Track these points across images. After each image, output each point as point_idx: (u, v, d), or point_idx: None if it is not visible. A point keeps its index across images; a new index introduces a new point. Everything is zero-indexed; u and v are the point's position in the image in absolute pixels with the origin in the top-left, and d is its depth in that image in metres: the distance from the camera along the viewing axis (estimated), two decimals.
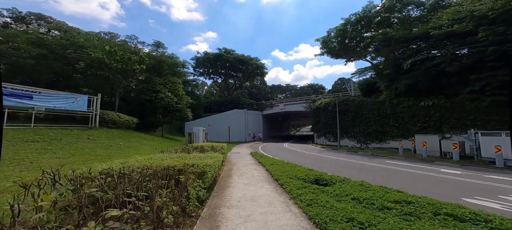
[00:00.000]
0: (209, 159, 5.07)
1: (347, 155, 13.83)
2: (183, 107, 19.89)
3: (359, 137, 20.22)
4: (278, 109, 34.49)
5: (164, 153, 6.32)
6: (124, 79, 15.31)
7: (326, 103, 25.88)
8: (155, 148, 11.03)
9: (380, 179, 7.02)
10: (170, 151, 6.84)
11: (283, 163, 9.43)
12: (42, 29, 21.69)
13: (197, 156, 5.59)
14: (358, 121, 20.17)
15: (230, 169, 8.74)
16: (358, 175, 7.64)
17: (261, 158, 11.50)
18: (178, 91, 19.77)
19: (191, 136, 14.80)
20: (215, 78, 48.55)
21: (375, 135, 18.24)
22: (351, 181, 5.59)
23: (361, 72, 57.42)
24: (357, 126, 20.41)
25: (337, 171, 8.61)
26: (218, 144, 12.52)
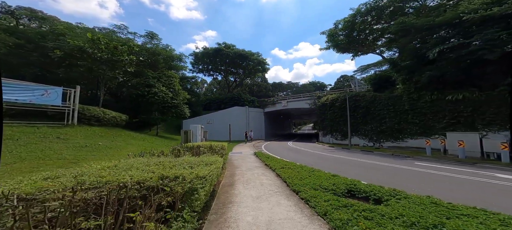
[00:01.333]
0: (203, 166, 3.47)
1: (363, 155, 12.25)
2: (180, 104, 18.19)
3: (371, 135, 18.62)
4: (281, 106, 32.86)
5: (144, 156, 4.70)
6: (110, 70, 13.54)
7: (332, 99, 24.24)
8: (144, 149, 9.46)
9: (429, 188, 5.43)
10: (154, 154, 5.24)
11: (295, 166, 7.84)
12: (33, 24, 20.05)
13: (188, 161, 3.98)
14: (370, 117, 18.56)
15: (232, 174, 7.14)
16: (394, 182, 6.05)
17: (268, 159, 9.92)
18: (174, 86, 18.08)
19: (187, 135, 13.18)
20: (215, 75, 46.87)
21: (389, 133, 16.64)
22: (412, 196, 3.94)
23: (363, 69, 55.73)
24: (368, 123, 18.81)
25: (365, 176, 7.02)
26: (217, 143, 10.93)
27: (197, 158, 4.54)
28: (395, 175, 7.11)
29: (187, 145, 9.02)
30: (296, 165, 8.13)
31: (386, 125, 16.83)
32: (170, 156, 5.08)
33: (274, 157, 10.91)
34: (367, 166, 8.90)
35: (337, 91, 30.24)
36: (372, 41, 24.86)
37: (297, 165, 8.14)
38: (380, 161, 10.20)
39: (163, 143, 12.62)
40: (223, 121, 29.56)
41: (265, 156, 11.36)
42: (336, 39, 26.39)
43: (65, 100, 11.33)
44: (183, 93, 19.55)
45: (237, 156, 12.39)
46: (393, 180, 6.41)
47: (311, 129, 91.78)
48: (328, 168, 8.30)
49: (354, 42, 25.57)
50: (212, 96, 42.71)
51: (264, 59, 39.62)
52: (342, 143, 21.91)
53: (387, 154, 12.54)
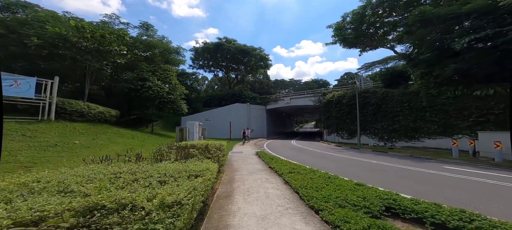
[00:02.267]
0: (184, 181, 2.28)
1: (378, 156, 10.99)
2: (177, 99, 16.97)
3: (382, 134, 17.31)
4: (284, 103, 31.58)
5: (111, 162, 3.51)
6: (97, 61, 12.27)
7: (339, 96, 22.90)
8: (131, 148, 8.35)
9: (496, 204, 4.19)
10: (129, 157, 4.04)
11: (305, 170, 6.64)
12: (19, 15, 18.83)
13: (165, 170, 2.79)
14: (381, 115, 17.23)
15: (231, 180, 5.97)
16: (437, 193, 4.83)
17: (272, 161, 8.74)
18: (171, 81, 16.88)
19: (183, 132, 12.05)
20: (216, 72, 45.60)
21: (403, 132, 15.32)
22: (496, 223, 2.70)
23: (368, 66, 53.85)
24: (379, 121, 17.49)
25: (394, 183, 5.80)
26: (216, 141, 9.77)
27: (181, 165, 3.35)
28: (431, 183, 5.87)
29: (180, 144, 7.87)
30: (305, 168, 6.93)
31: (399, 123, 15.50)
32: (148, 161, 3.89)
33: (278, 158, 9.73)
34: (388, 170, 7.67)
35: (344, 88, 28.84)
36: (382, 35, 23.30)
37: (307, 168, 6.94)
38: (400, 163, 8.95)
39: (157, 141, 11.52)
40: (223, 118, 28.44)
41: (268, 156, 10.18)
42: (343, 33, 24.86)
43: (41, 92, 10.13)
44: (180, 88, 18.32)
45: (238, 156, 11.23)
46: (435, 191, 5.17)
47: (313, 127, 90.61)
48: (343, 172, 7.09)
49: (362, 36, 24.03)
50: (213, 93, 41.56)
51: (266, 55, 38.17)
52: (349, 142, 20.64)
53: (404, 155, 11.26)
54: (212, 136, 26.70)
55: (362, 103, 19.16)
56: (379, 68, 48.99)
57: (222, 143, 9.33)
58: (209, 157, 4.78)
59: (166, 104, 15.98)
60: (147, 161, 3.93)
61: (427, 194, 4.76)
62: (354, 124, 20.67)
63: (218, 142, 9.23)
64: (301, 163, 9.00)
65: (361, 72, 49.79)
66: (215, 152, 5.73)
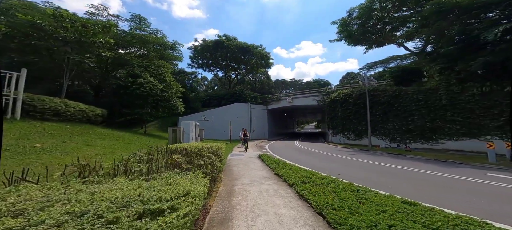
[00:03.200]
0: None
1: (397, 160, 9.70)
2: (172, 97, 15.64)
3: (394, 135, 16.02)
4: (286, 103, 30.36)
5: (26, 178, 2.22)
6: (77, 53, 10.88)
7: (345, 95, 21.66)
8: (111, 152, 7.08)
9: None
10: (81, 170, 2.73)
11: (322, 179, 5.37)
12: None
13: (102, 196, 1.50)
14: (393, 115, 15.95)
15: (229, 193, 4.67)
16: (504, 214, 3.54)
17: (278, 166, 7.46)
18: (165, 77, 15.59)
19: (176, 133, 10.78)
20: (216, 71, 44.37)
21: (419, 133, 14.03)
22: None
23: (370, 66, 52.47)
24: (390, 121, 16.21)
25: (446, 200, 4.50)
26: (213, 143, 8.49)
27: (146, 183, 2.05)
28: (490, 197, 4.57)
29: (169, 147, 6.59)
30: (322, 177, 5.64)
31: (414, 123, 14.22)
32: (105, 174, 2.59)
33: (284, 162, 8.44)
34: (421, 178, 6.38)
35: (350, 86, 27.55)
36: (390, 31, 22.10)
37: (324, 177, 5.65)
38: (428, 169, 7.66)
39: (146, 143, 10.18)
40: (223, 118, 27.19)
41: (273, 160, 8.89)
42: (349, 29, 23.68)
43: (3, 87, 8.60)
44: (175, 86, 16.99)
45: (238, 159, 9.94)
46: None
47: (314, 128, 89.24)
48: (365, 180, 5.80)
49: (369, 32, 22.84)
50: (212, 92, 40.33)
51: (268, 53, 36.98)
52: (356, 143, 19.35)
53: (426, 158, 9.97)
54: (211, 137, 25.41)
55: (371, 103, 17.86)
56: (381, 68, 47.81)
57: (220, 145, 8.06)
58: (199, 166, 3.49)
59: (159, 103, 14.62)
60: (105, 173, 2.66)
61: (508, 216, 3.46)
62: (361, 124, 19.42)
63: (215, 144, 7.95)
64: (311, 167, 7.71)
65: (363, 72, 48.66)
66: (209, 159, 4.44)
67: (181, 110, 17.07)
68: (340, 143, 21.21)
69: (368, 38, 23.58)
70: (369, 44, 24.83)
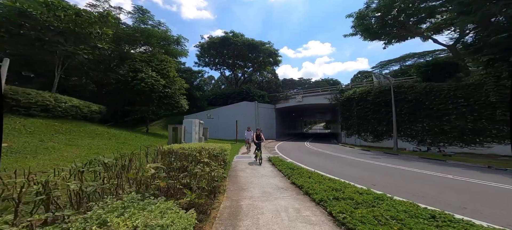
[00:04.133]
0: None
1: (438, 167, 7.98)
2: (175, 94, 14.62)
3: (423, 137, 14.02)
4: (295, 102, 28.76)
5: None
6: (70, 45, 10.01)
7: (362, 93, 19.75)
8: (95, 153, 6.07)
9: None
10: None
11: (360, 193, 3.99)
12: None
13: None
14: (422, 114, 13.96)
15: (234, 212, 3.38)
16: None
17: (293, 172, 6.13)
18: (168, 73, 14.62)
19: (177, 132, 9.67)
20: (222, 69, 43.52)
21: (457, 135, 12.01)
22: None
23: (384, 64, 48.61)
24: (418, 122, 14.24)
25: None
26: (217, 144, 7.29)
27: None
28: None
29: (165, 148, 5.43)
30: (358, 190, 4.22)
31: (450, 123, 12.21)
32: None
33: (300, 167, 7.07)
34: (503, 195, 4.74)
35: (364, 84, 25.45)
36: (415, 24, 19.81)
37: (362, 190, 4.22)
38: (498, 181, 5.94)
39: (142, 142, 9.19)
40: (229, 117, 26.13)
41: (285, 164, 7.54)
42: (366, 22, 21.62)
43: None
44: (179, 82, 15.97)
45: (245, 162, 8.67)
46: None
47: (323, 128, 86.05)
48: (421, 197, 4.27)
49: (389, 26, 20.67)
50: (219, 91, 39.47)
51: (276, 50, 35.44)
52: (375, 145, 17.44)
53: (475, 165, 8.13)
54: (217, 137, 24.41)
55: (394, 101, 15.92)
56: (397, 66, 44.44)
57: (224, 146, 6.83)
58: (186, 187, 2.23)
59: (161, 100, 13.65)
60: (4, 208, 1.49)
61: None
62: (381, 124, 17.49)
63: (219, 146, 6.73)
64: (332, 174, 6.28)
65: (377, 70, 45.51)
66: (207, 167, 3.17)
67: (185, 107, 16.04)
68: (355, 145, 19.37)
69: (388, 32, 21.40)
70: (388, 39, 22.58)
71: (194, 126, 11.27)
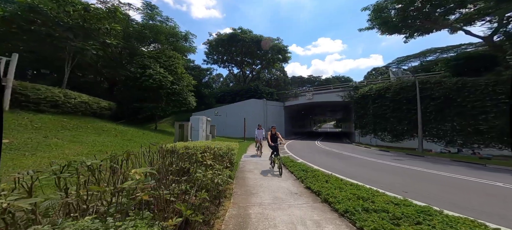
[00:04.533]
0: None
1: (479, 173, 6.89)
2: (183, 90, 14.40)
3: (452, 137, 12.57)
4: (305, 99, 27.68)
5: None
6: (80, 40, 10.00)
7: (379, 89, 18.33)
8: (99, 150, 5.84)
9: None
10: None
11: (395, 204, 3.23)
12: None
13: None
14: (453, 112, 12.52)
15: (242, 224, 2.80)
16: None
17: (307, 175, 5.50)
18: (176, 69, 14.40)
19: (183, 129, 9.36)
20: (230, 67, 43.23)
21: (496, 136, 10.56)
22: None
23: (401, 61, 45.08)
24: (447, 121, 12.79)
25: None
26: (224, 143, 6.81)
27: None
28: None
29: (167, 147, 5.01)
30: (392, 200, 3.46)
31: (488, 123, 10.72)
32: None
33: (315, 169, 6.39)
34: None
35: (378, 81, 23.75)
36: (442, 15, 17.83)
37: (397, 200, 3.47)
38: None
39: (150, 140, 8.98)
40: (237, 114, 25.77)
41: (298, 165, 6.88)
42: (384, 15, 19.91)
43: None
44: (187, 78, 15.72)
45: (253, 163, 8.13)
46: None
47: (333, 127, 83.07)
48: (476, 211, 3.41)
49: (411, 18, 18.83)
50: (227, 88, 39.28)
51: (285, 46, 34.37)
52: (393, 145, 16.11)
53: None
54: (224, 134, 24.14)
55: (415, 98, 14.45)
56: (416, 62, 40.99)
57: (232, 145, 6.31)
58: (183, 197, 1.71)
59: (169, 97, 13.48)
60: None
61: None
62: (402, 123, 16.07)
63: (226, 144, 6.22)
64: (351, 177, 5.53)
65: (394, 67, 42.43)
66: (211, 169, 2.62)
67: (192, 104, 15.78)
68: (371, 145, 18.08)
69: (410, 24, 19.53)
70: (410, 32, 20.66)
71: (201, 123, 10.90)
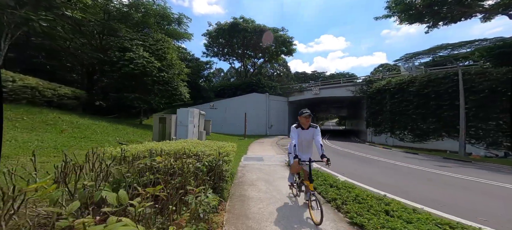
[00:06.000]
0: None
1: None
2: (172, 79, 12.02)
3: (496, 137, 10.35)
4: (311, 94, 25.44)
5: None
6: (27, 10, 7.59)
7: (399, 83, 16.08)
8: (16, 152, 3.79)
9: None
10: None
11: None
12: None
13: None
14: (498, 108, 10.27)
15: None
16: None
17: (338, 194, 3.29)
18: (165, 55, 12.00)
19: (165, 124, 7.16)
20: (231, 60, 40.69)
21: None
22: None
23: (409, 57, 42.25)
24: (491, 118, 10.55)
25: None
26: (219, 144, 4.70)
27: None
28: None
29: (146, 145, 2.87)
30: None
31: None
32: None
33: (357, 188, 4.27)
34: None
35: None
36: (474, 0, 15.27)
37: None
38: None
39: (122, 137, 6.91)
40: (237, 109, 23.65)
41: (326, 180, 4.76)
42: (407, 1, 17.41)
43: None
44: (179, 65, 13.33)
45: (256, 168, 6.01)
46: None
47: (336, 125, 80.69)
48: None
49: (438, 3, 16.31)
50: (227, 82, 36.96)
51: (290, 38, 31.77)
52: (414, 145, 13.94)
53: None
54: (222, 131, 22.07)
55: (451, 92, 12.21)
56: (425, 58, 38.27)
57: (227, 146, 4.15)
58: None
59: (156, 86, 11.18)
60: None
61: None
62: (427, 121, 13.86)
63: (218, 145, 4.11)
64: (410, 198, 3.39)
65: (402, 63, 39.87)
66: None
67: (185, 96, 13.52)
68: (387, 145, 15.97)
69: (436, 11, 17.00)
70: (435, 21, 18.14)
71: (192, 116, 8.74)
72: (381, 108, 17.99)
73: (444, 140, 12.82)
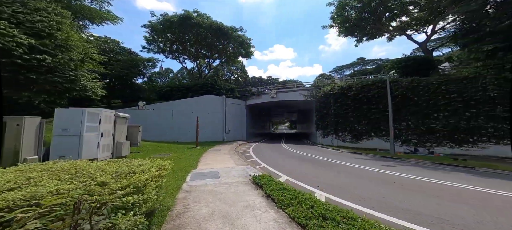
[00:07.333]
0: None
1: (483, 180, 5.94)
2: (65, 66, 7.64)
3: (406, 136, 13.12)
4: (269, 98, 25.76)
5: None
6: None
7: (342, 88, 18.31)
8: None
9: None
10: None
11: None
12: None
13: None
14: (408, 111, 13.07)
15: None
16: None
17: (318, 220, 2.21)
18: (54, 31, 7.59)
19: (18, 134, 4.10)
20: (182, 59, 35.62)
21: (447, 134, 11.31)
22: None
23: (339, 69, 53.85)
24: (402, 120, 13.30)
25: None
26: (126, 166, 2.61)
27: None
28: None
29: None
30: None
31: (440, 121, 11.45)
32: None
33: (311, 197, 3.38)
34: None
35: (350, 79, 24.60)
36: (388, 20, 19.91)
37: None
38: None
39: None
40: (188, 113, 20.51)
41: (287, 193, 3.65)
42: (346, 14, 20.64)
43: None
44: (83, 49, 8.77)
45: (209, 192, 4.24)
46: None
47: (288, 128, 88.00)
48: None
49: (365, 19, 20.30)
50: (175, 83, 31.89)
51: (249, 39, 31.13)
52: (354, 146, 16.06)
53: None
54: (167, 139, 18.43)
55: (376, 97, 14.80)
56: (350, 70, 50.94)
57: (150, 169, 2.24)
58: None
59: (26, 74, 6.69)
60: None
61: None
62: (361, 123, 16.29)
63: (120, 170, 2.11)
64: (360, 200, 2.83)
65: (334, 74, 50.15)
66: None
67: (96, 93, 9.27)
68: (333, 145, 17.76)
69: (362, 27, 21.14)
70: (361, 36, 22.55)
71: (94, 121, 5.80)
72: (328, 112, 20.03)
73: (373, 140, 15.30)
